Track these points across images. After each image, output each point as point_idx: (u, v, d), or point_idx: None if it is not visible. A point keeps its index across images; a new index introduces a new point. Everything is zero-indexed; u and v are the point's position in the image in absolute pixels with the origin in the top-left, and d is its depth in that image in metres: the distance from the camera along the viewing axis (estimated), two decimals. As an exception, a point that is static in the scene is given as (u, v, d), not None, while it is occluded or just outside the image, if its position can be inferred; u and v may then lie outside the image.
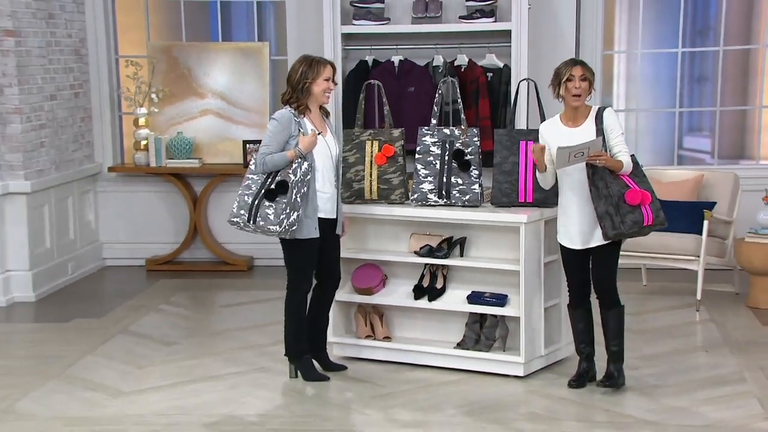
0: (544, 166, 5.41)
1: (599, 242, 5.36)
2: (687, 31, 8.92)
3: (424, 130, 6.03)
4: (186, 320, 7.31)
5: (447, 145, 5.96)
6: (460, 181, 5.90)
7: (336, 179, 5.68)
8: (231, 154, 8.78)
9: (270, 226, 5.43)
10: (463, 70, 7.94)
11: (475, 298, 5.85)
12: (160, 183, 9.00)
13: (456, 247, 5.97)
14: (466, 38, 8.01)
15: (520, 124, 7.49)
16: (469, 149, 5.92)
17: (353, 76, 8.02)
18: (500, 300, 5.80)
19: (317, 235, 5.57)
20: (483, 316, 5.92)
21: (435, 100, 6.08)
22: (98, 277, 8.71)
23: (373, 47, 8.11)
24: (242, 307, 7.58)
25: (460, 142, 5.93)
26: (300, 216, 5.46)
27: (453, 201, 5.92)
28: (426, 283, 6.06)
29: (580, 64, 5.43)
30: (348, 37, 8.10)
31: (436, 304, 5.96)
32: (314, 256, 5.65)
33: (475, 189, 5.89)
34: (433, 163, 5.95)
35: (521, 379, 5.72)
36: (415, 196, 5.97)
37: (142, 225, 9.03)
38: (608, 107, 5.46)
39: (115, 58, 8.98)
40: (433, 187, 5.93)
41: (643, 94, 9.15)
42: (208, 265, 8.89)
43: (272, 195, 5.44)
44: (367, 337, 6.12)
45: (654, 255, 7.31)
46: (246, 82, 8.78)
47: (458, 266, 5.99)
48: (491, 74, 7.94)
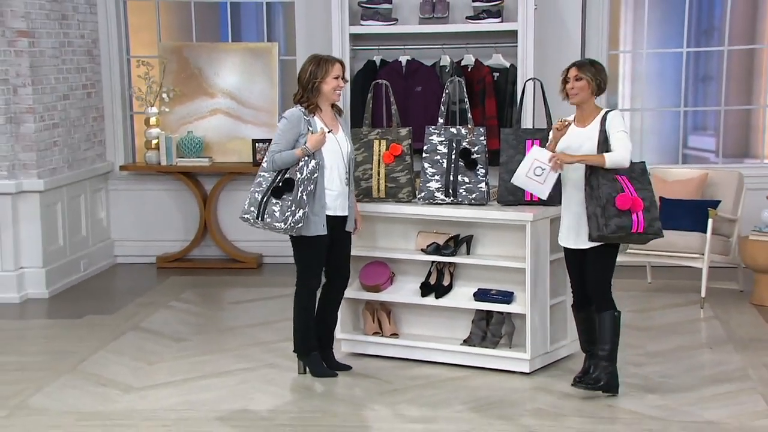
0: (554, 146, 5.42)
1: (590, 243, 5.32)
2: (692, 31, 8.95)
3: (431, 129, 6.07)
4: (196, 317, 7.36)
5: (454, 144, 6.00)
6: (466, 180, 5.95)
7: (347, 176, 5.71)
8: (240, 153, 8.84)
9: (275, 224, 5.48)
10: (469, 70, 7.97)
11: (482, 296, 5.88)
12: (170, 181, 9.06)
13: (463, 245, 6.01)
14: (473, 38, 8.04)
15: (526, 123, 7.54)
16: (476, 148, 5.96)
17: (361, 76, 8.08)
18: (506, 297, 5.84)
19: (325, 232, 5.60)
20: (489, 313, 5.96)
21: (442, 100, 6.11)
22: (110, 274, 8.77)
23: (381, 47, 8.15)
24: (251, 304, 7.63)
25: (467, 141, 5.98)
26: (306, 213, 5.49)
27: (460, 199, 5.96)
28: (433, 281, 6.10)
29: (578, 65, 5.40)
30: (356, 38, 8.15)
31: (443, 302, 6.01)
32: (322, 254, 5.68)
33: (481, 187, 5.94)
34: (440, 161, 5.99)
35: (527, 376, 5.75)
36: (423, 195, 6.02)
37: (152, 223, 9.09)
38: (613, 110, 5.41)
39: (127, 58, 9.04)
40: (440, 186, 5.98)
41: (648, 94, 9.18)
42: (218, 262, 8.94)
43: (279, 192, 5.48)
44: (375, 334, 6.17)
45: (659, 253, 7.34)
46: (255, 81, 8.84)
47: (465, 264, 6.02)
48: (498, 74, 7.97)
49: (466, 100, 6.18)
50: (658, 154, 9.25)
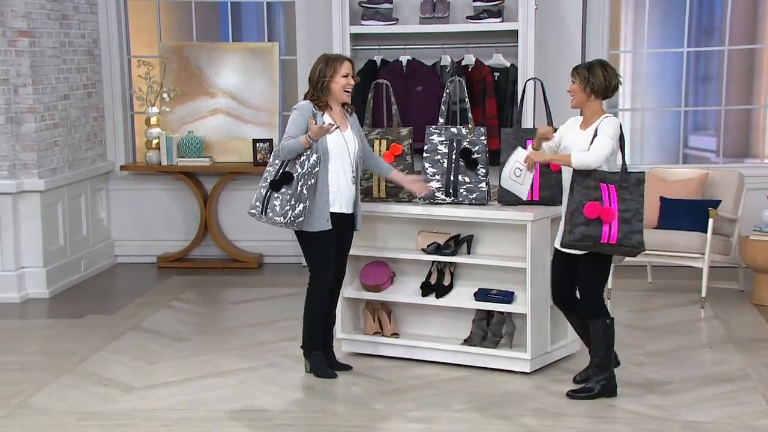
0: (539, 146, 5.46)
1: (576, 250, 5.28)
2: (692, 31, 8.95)
3: (431, 129, 6.07)
4: (196, 317, 7.37)
5: (454, 144, 6.01)
6: (467, 180, 5.95)
7: (354, 175, 5.68)
8: (241, 153, 8.85)
9: (276, 218, 5.47)
10: (470, 70, 7.98)
11: (482, 295, 5.89)
12: (171, 181, 9.07)
13: (463, 244, 6.02)
14: (473, 38, 8.06)
15: (527, 123, 7.55)
16: (476, 148, 5.97)
17: (362, 75, 8.05)
18: (507, 297, 5.84)
19: (329, 227, 5.57)
20: (490, 313, 5.97)
21: (442, 100, 6.12)
22: (110, 274, 8.78)
23: (382, 47, 8.16)
24: (252, 303, 7.64)
25: (468, 140, 5.99)
26: (307, 208, 5.48)
27: (460, 199, 5.97)
28: (433, 281, 6.10)
29: (574, 68, 5.37)
30: (356, 37, 8.16)
31: (444, 301, 6.01)
32: (331, 249, 5.64)
33: (482, 187, 5.94)
34: (441, 161, 6.00)
35: (528, 376, 5.75)
36: (423, 195, 6.03)
37: (153, 223, 9.10)
38: (612, 116, 5.32)
39: (128, 58, 9.05)
40: (441, 186, 5.98)
41: (649, 94, 9.18)
42: (219, 262, 8.95)
43: (277, 186, 5.48)
44: (375, 334, 6.17)
45: (659, 252, 7.34)
46: (256, 81, 8.84)
47: (465, 263, 6.03)
48: (498, 74, 7.98)
49: (467, 99, 6.18)
50: (658, 153, 9.26)
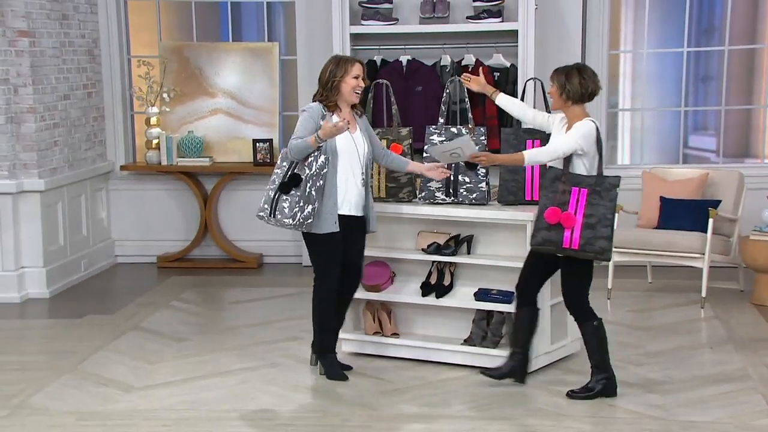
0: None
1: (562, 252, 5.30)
2: (692, 31, 8.95)
3: (431, 128, 6.08)
4: (196, 317, 7.37)
5: (454, 144, 6.01)
6: (467, 180, 5.96)
7: (363, 177, 5.65)
8: (241, 153, 8.85)
9: (285, 219, 5.47)
10: (470, 70, 7.98)
11: (482, 295, 5.89)
12: (171, 181, 9.08)
13: (463, 244, 6.02)
14: (473, 38, 8.06)
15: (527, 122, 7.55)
16: (476, 148, 5.97)
17: (362, 75, 8.08)
18: (507, 297, 5.84)
19: (337, 229, 5.56)
20: (490, 313, 5.98)
21: (442, 100, 6.13)
22: (110, 274, 8.79)
23: (382, 47, 8.16)
24: (252, 303, 7.64)
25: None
26: (316, 209, 5.48)
27: (460, 199, 5.97)
28: (433, 281, 6.11)
29: (553, 72, 5.38)
30: (356, 37, 8.16)
31: (444, 301, 6.02)
32: (337, 252, 5.64)
33: (482, 187, 5.94)
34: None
35: (527, 375, 5.72)
36: (423, 194, 6.03)
37: (153, 223, 9.11)
38: (588, 121, 5.27)
39: (128, 58, 9.06)
40: (441, 186, 5.99)
41: (649, 94, 9.19)
42: (219, 262, 8.96)
43: (286, 188, 5.48)
44: (375, 334, 6.18)
45: (659, 252, 7.35)
46: (256, 81, 8.85)
47: (465, 263, 6.03)
48: (498, 74, 7.98)
49: (467, 99, 6.19)
50: (658, 153, 9.26)
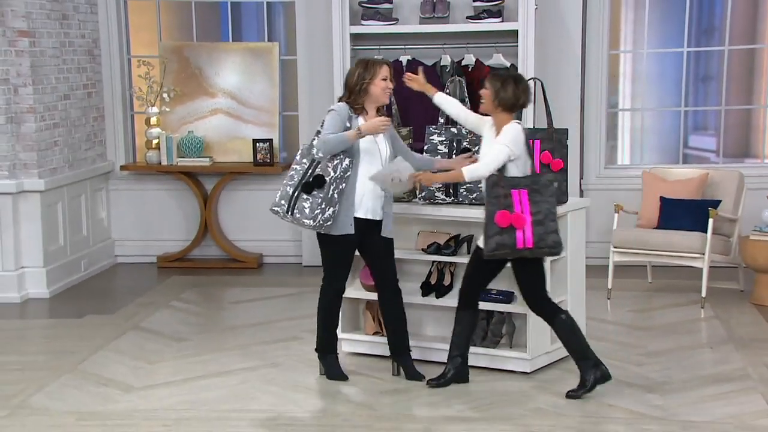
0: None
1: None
2: (692, 31, 8.94)
3: (431, 128, 6.07)
4: (196, 316, 7.37)
5: (454, 144, 6.01)
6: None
7: None
8: (241, 153, 8.85)
9: (304, 220, 5.45)
10: (470, 70, 7.98)
11: (482, 295, 5.87)
12: (171, 181, 9.08)
13: (463, 244, 6.02)
14: (474, 38, 8.06)
15: (527, 122, 7.54)
16: (476, 148, 5.97)
17: (362, 75, 8.07)
18: (507, 297, 5.84)
19: (352, 232, 5.54)
20: (490, 313, 5.98)
21: (442, 100, 6.13)
22: (110, 273, 8.79)
23: (382, 47, 8.15)
24: (252, 303, 7.64)
25: (468, 140, 5.99)
26: (336, 212, 5.47)
27: (460, 199, 5.97)
28: (434, 280, 6.11)
29: (491, 74, 5.44)
30: (356, 37, 8.16)
31: (444, 301, 6.01)
32: (350, 255, 5.64)
33: (482, 187, 5.93)
34: (441, 161, 6.00)
35: (528, 375, 5.76)
36: (423, 194, 6.03)
37: (153, 223, 9.11)
38: (511, 123, 5.32)
39: (128, 58, 9.06)
40: (441, 186, 5.98)
41: (649, 94, 9.18)
42: (219, 262, 8.96)
43: (309, 188, 5.46)
44: (375, 334, 6.18)
45: (659, 252, 7.35)
46: (256, 81, 8.85)
47: (465, 263, 6.00)
48: (498, 74, 7.98)
49: (467, 99, 6.20)
50: (658, 153, 9.26)
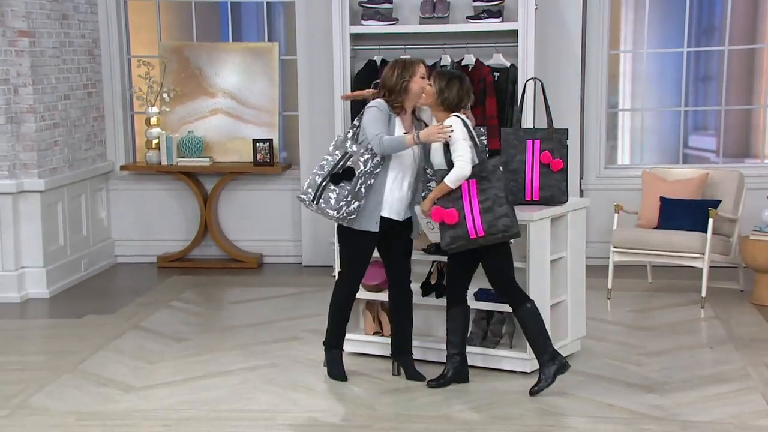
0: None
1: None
2: (692, 31, 8.94)
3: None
4: (197, 316, 7.38)
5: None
6: (467, 180, 5.94)
7: (411, 182, 5.60)
8: (241, 153, 8.85)
9: (329, 210, 5.45)
10: (470, 70, 7.98)
11: (482, 295, 5.88)
12: (171, 181, 9.08)
13: (463, 244, 6.02)
14: (474, 38, 8.06)
15: (527, 122, 7.56)
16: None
17: (362, 76, 8.08)
18: (506, 297, 5.85)
19: (376, 230, 5.53)
20: (490, 313, 5.98)
21: (442, 100, 6.12)
22: (110, 273, 8.79)
23: (382, 47, 8.16)
24: (252, 303, 7.64)
25: (484, 147, 5.95)
26: (361, 206, 5.47)
27: (460, 199, 5.97)
28: (434, 280, 6.11)
29: (437, 71, 5.52)
30: (356, 37, 8.16)
31: (444, 301, 5.97)
32: (369, 252, 5.63)
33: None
34: (441, 161, 5.99)
35: (528, 375, 5.75)
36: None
37: (153, 223, 9.11)
38: (451, 118, 5.39)
39: (128, 58, 9.06)
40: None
41: (649, 94, 9.18)
42: (219, 262, 8.96)
43: (337, 179, 5.46)
44: (375, 334, 6.19)
45: (659, 252, 7.35)
46: (256, 81, 8.85)
47: (465, 264, 6.03)
48: (498, 74, 7.97)
49: (467, 99, 6.17)
50: (658, 153, 9.26)
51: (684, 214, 7.37)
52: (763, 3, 8.97)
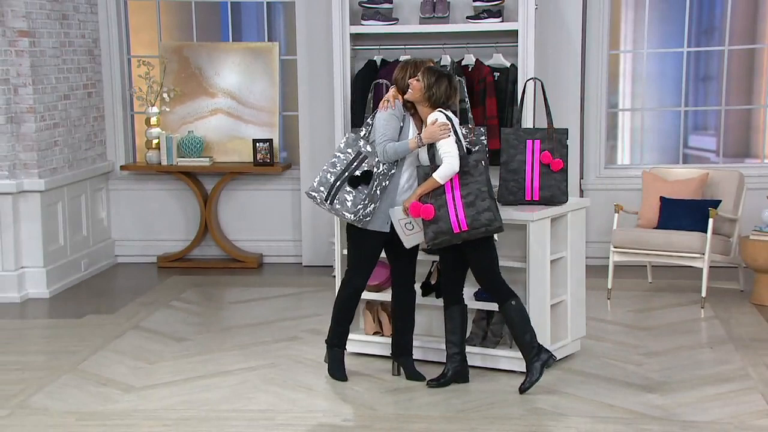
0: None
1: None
2: (692, 31, 8.94)
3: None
4: (196, 316, 7.38)
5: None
6: (467, 180, 5.95)
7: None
8: (241, 153, 8.85)
9: (345, 212, 5.46)
10: (470, 70, 7.98)
11: (482, 295, 5.88)
12: (171, 181, 9.08)
13: (463, 244, 6.02)
14: (474, 38, 8.06)
15: (527, 122, 7.56)
16: (477, 148, 5.97)
17: (362, 76, 8.08)
18: (506, 297, 5.85)
19: (387, 230, 5.55)
20: (490, 313, 5.98)
21: (442, 100, 6.13)
22: (110, 273, 8.79)
23: (382, 47, 8.16)
24: (252, 303, 7.64)
25: (468, 140, 5.99)
26: (376, 208, 5.49)
27: (460, 199, 5.97)
28: (433, 281, 6.10)
29: (425, 68, 5.49)
30: (357, 37, 8.16)
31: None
32: (378, 252, 5.65)
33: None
34: (441, 161, 5.99)
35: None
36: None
37: (153, 222, 9.11)
38: (435, 114, 5.42)
39: (128, 58, 9.06)
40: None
41: (649, 94, 9.18)
42: (219, 262, 8.96)
43: (355, 182, 5.47)
44: (375, 334, 6.19)
45: (659, 252, 7.35)
46: (256, 81, 8.85)
47: (465, 264, 6.04)
48: (498, 74, 7.98)
49: (467, 99, 6.18)
50: (658, 153, 9.26)
51: (684, 214, 7.37)
52: (763, 3, 8.97)
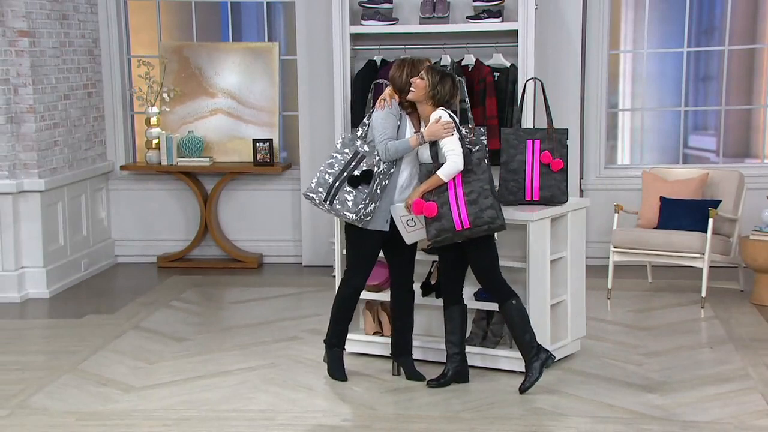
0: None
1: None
2: (692, 31, 8.94)
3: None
4: (196, 316, 7.38)
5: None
6: (467, 180, 5.94)
7: (421, 181, 5.59)
8: (241, 153, 8.85)
9: (346, 212, 5.45)
10: (470, 70, 7.99)
11: (482, 295, 5.88)
12: (171, 181, 9.08)
13: (463, 244, 6.02)
14: (474, 38, 8.06)
15: (527, 122, 7.56)
16: (477, 148, 5.95)
17: (362, 75, 8.08)
18: (506, 297, 5.85)
19: (386, 229, 5.55)
20: (490, 313, 5.98)
21: (442, 100, 6.12)
22: (110, 273, 8.79)
23: (382, 47, 8.17)
24: (252, 303, 7.64)
25: (468, 140, 5.98)
26: (376, 207, 5.49)
27: (460, 199, 5.97)
28: (433, 281, 6.10)
29: (429, 67, 5.51)
30: (356, 37, 8.17)
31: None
32: (377, 251, 5.64)
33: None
34: (441, 161, 5.99)
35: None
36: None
37: (153, 222, 9.11)
38: (437, 112, 5.44)
39: (128, 58, 9.06)
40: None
41: (649, 94, 9.18)
42: (219, 262, 8.96)
43: (356, 182, 5.46)
44: (375, 334, 6.19)
45: (659, 252, 7.35)
46: (256, 81, 8.85)
47: (465, 264, 6.03)
48: (498, 74, 7.98)
49: (467, 99, 6.18)
50: (658, 153, 9.26)
51: (684, 214, 7.37)
52: (763, 3, 8.97)
